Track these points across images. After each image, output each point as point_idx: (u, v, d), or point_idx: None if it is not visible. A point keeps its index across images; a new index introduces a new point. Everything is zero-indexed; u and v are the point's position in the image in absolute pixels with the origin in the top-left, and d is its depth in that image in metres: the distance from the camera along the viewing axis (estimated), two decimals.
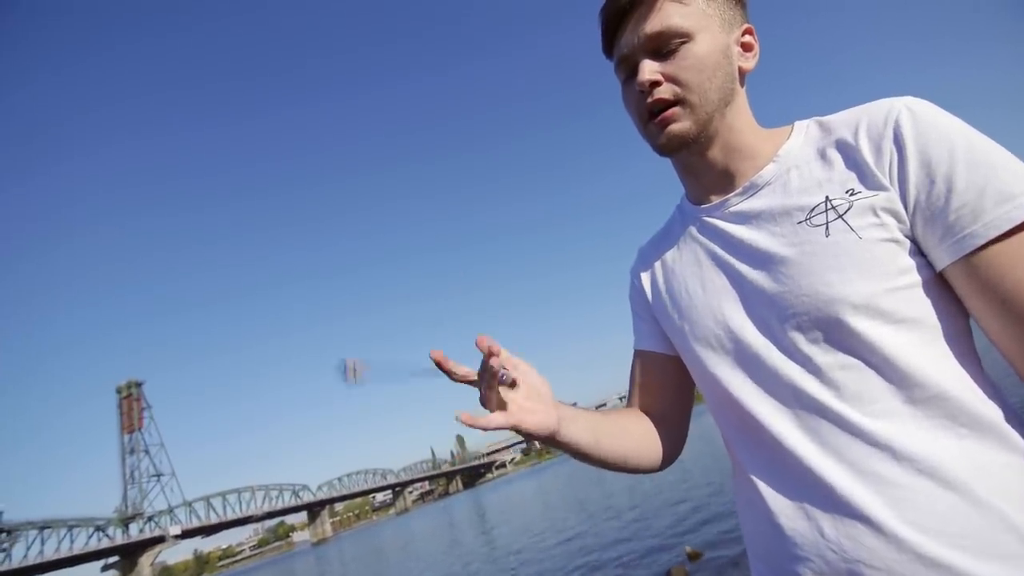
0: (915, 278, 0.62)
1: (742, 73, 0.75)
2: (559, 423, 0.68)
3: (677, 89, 0.70)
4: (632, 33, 0.72)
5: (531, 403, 0.67)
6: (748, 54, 0.75)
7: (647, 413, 0.88)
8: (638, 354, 0.92)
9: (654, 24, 0.70)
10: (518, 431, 0.64)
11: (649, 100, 0.71)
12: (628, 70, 0.75)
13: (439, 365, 0.63)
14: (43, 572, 71.89)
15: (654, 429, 0.86)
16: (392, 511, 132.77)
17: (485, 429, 0.63)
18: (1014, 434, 0.58)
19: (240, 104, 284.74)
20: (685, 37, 0.69)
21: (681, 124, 0.71)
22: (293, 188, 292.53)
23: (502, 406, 0.64)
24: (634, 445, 0.81)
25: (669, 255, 0.85)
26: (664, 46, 0.70)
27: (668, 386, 0.88)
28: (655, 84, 0.70)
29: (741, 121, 0.75)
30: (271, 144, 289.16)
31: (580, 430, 0.72)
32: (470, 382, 0.65)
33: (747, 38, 0.74)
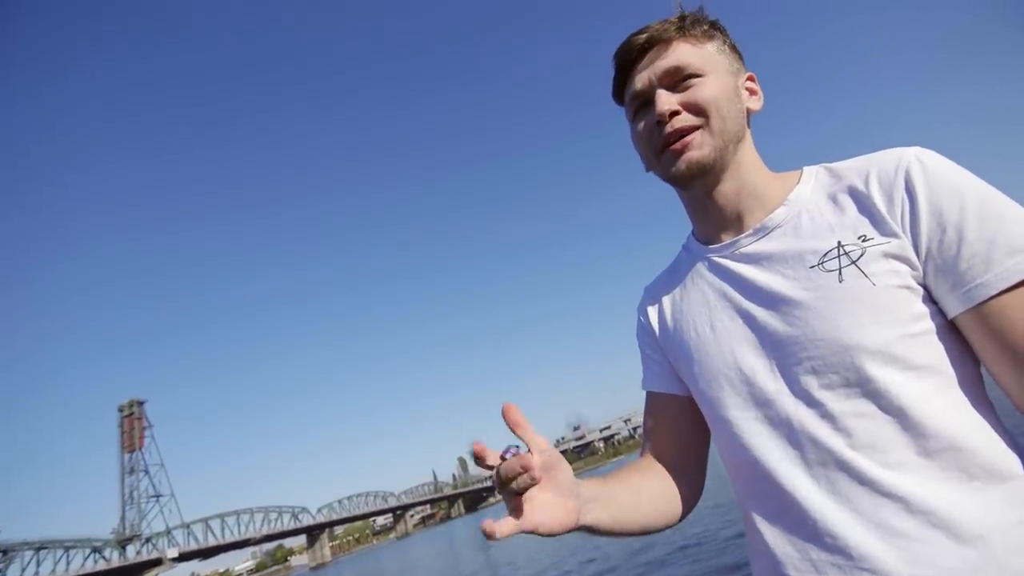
0: (928, 325, 0.62)
1: (749, 114, 0.78)
2: (579, 515, 0.63)
3: (697, 117, 0.72)
4: (647, 69, 0.75)
5: (551, 496, 0.60)
6: (753, 97, 0.79)
7: (662, 459, 0.85)
8: (649, 396, 0.90)
9: (671, 60, 0.73)
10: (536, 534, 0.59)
11: (668, 130, 0.73)
12: (641, 104, 0.77)
13: (478, 457, 0.58)
14: None
15: (670, 482, 0.82)
16: (393, 535, 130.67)
17: (503, 536, 0.57)
18: None
19: (245, 122, 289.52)
20: (699, 74, 0.73)
21: (701, 151, 0.72)
22: (290, 209, 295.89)
23: (518, 508, 0.58)
24: (652, 508, 0.77)
25: (677, 293, 0.84)
26: (679, 81, 0.73)
27: (682, 430, 0.85)
28: (674, 114, 0.72)
29: (750, 161, 0.77)
30: (272, 163, 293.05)
31: (599, 514, 0.67)
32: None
33: (750, 84, 0.79)
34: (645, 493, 0.78)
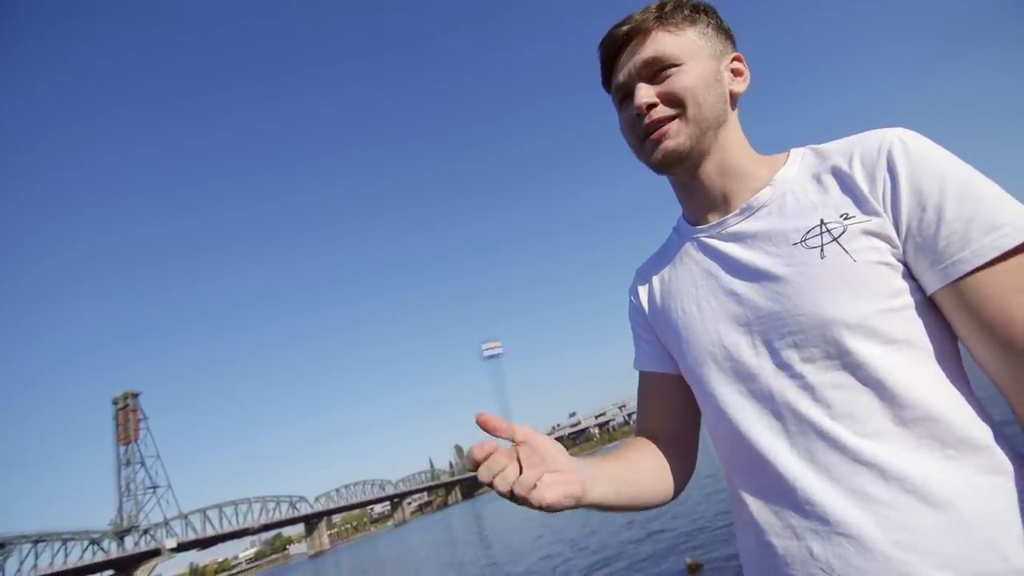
0: (907, 300, 0.63)
1: (733, 97, 0.79)
2: (583, 489, 0.64)
3: (673, 108, 0.74)
4: (628, 62, 0.77)
5: (557, 475, 0.62)
6: (738, 79, 0.79)
7: (655, 437, 0.87)
8: (641, 376, 0.92)
9: (648, 51, 0.75)
10: (543, 509, 0.60)
11: (646, 121, 0.75)
12: (624, 96, 0.79)
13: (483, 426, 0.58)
14: None
15: (663, 458, 0.84)
16: (390, 522, 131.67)
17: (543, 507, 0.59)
18: (1001, 456, 0.60)
19: (236, 112, 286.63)
20: (677, 63, 0.74)
21: (676, 140, 0.74)
22: (282, 199, 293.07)
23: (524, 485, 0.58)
24: (648, 483, 0.79)
25: (666, 274, 0.86)
26: (658, 72, 0.75)
27: (673, 408, 0.87)
28: (652, 106, 0.74)
29: (735, 144, 0.78)
30: (264, 153, 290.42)
31: (604, 487, 0.69)
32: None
33: (736, 64, 0.79)
34: (641, 469, 0.79)
